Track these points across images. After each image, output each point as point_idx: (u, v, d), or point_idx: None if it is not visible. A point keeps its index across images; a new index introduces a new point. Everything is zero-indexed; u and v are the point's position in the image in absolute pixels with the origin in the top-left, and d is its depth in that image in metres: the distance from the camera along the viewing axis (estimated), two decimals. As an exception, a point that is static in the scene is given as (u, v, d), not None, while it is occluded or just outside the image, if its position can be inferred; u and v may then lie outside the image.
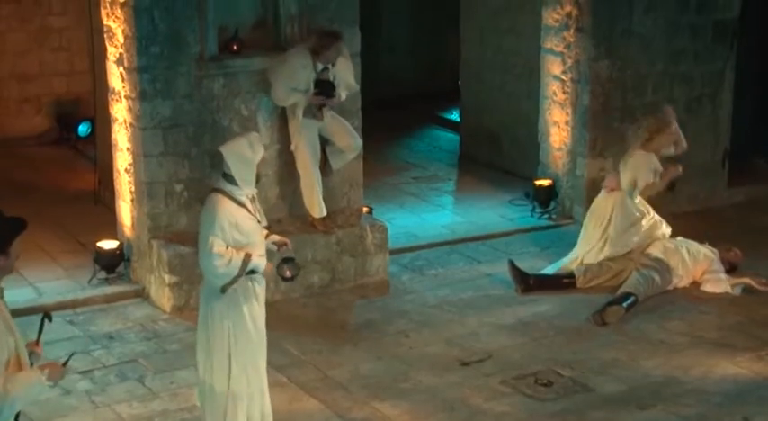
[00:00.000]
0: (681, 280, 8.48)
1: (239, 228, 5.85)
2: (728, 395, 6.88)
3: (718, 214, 9.35)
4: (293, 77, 8.05)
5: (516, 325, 7.94)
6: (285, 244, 6.21)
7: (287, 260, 6.26)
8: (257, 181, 5.98)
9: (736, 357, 7.38)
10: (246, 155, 5.87)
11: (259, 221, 6.01)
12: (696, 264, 8.60)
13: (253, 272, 5.92)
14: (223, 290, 5.88)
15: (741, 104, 9.15)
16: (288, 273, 6.26)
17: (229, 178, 5.87)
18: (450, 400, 6.84)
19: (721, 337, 7.70)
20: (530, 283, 8.42)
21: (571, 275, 8.55)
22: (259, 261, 5.92)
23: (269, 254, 6.25)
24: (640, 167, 8.45)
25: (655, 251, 8.50)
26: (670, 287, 8.44)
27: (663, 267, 8.40)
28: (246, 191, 5.91)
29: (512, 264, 8.54)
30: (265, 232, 6.17)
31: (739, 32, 10.24)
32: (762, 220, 10.02)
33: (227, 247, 5.81)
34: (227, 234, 5.81)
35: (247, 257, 5.84)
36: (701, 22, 10.10)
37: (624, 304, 8.03)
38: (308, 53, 8.06)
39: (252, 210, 5.95)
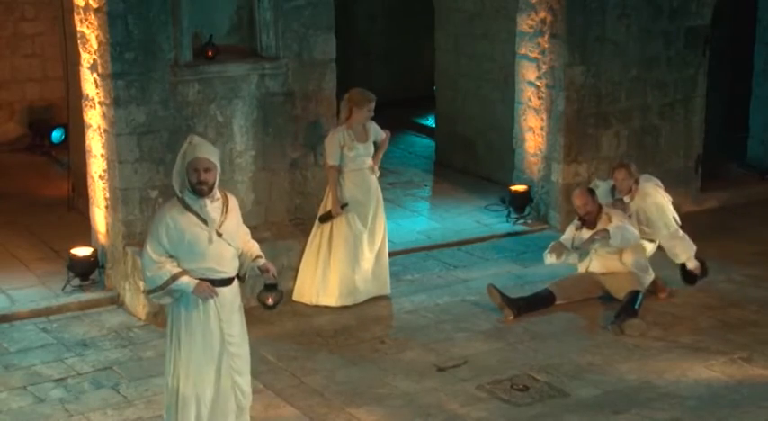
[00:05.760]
0: None
1: (180, 235, 5.74)
2: (702, 399, 6.92)
3: (692, 219, 9.39)
4: None
5: (492, 330, 7.96)
6: (268, 270, 6.04)
7: (269, 287, 6.12)
8: (210, 189, 5.75)
9: (709, 361, 7.43)
10: (177, 159, 5.83)
11: (220, 234, 5.80)
12: None
13: (179, 291, 5.78)
14: (146, 294, 6.01)
15: (713, 110, 9.22)
16: (269, 301, 6.13)
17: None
18: (426, 406, 6.84)
19: (695, 342, 7.74)
20: (519, 309, 8.09)
21: (548, 292, 8.27)
22: (188, 282, 5.74)
23: (252, 277, 6.18)
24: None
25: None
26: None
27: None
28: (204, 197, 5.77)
29: (496, 291, 8.12)
30: (256, 253, 6.04)
31: (711, 39, 10.32)
32: (735, 224, 10.09)
33: (167, 256, 5.76)
34: (164, 239, 5.78)
35: (178, 274, 5.75)
36: (674, 28, 10.17)
37: (636, 306, 7.95)
38: None
39: (205, 219, 5.77)
